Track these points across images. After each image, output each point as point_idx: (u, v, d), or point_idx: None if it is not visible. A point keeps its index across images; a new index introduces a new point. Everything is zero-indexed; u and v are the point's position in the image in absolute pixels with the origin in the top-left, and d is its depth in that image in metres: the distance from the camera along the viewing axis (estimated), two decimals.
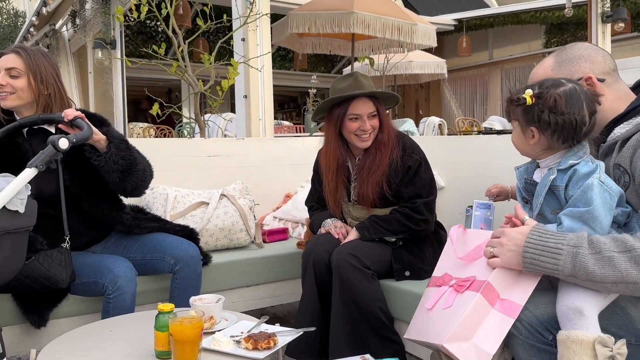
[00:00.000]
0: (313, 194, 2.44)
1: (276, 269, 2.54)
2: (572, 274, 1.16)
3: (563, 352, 1.14)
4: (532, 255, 1.21)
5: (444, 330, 1.23)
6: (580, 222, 1.23)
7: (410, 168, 2.11)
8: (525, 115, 1.32)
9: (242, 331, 1.63)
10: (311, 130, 5.76)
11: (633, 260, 1.12)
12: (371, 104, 2.11)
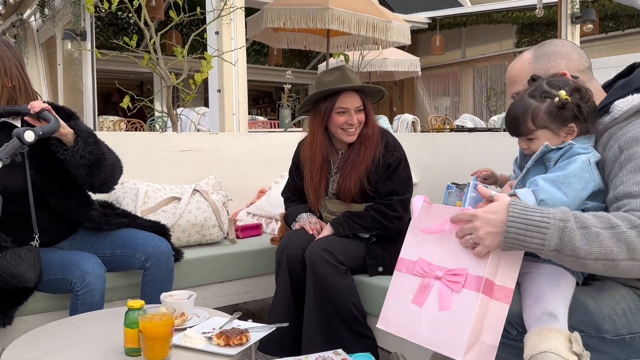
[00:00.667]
0: (290, 185, 2.43)
1: (249, 265, 2.52)
2: (556, 249, 1.13)
3: (536, 342, 1.14)
4: (516, 231, 1.15)
5: (458, 343, 1.16)
6: (555, 186, 1.24)
7: (391, 165, 2.12)
8: (560, 117, 1.32)
9: (214, 327, 1.61)
10: (286, 125, 5.74)
11: (616, 237, 1.12)
12: (358, 98, 2.12)
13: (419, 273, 1.31)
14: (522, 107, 1.35)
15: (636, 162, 1.22)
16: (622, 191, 1.21)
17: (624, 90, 1.37)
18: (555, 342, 1.12)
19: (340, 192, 2.17)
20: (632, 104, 1.32)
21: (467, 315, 1.17)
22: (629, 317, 1.23)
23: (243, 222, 3.00)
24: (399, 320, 1.32)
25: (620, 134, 1.30)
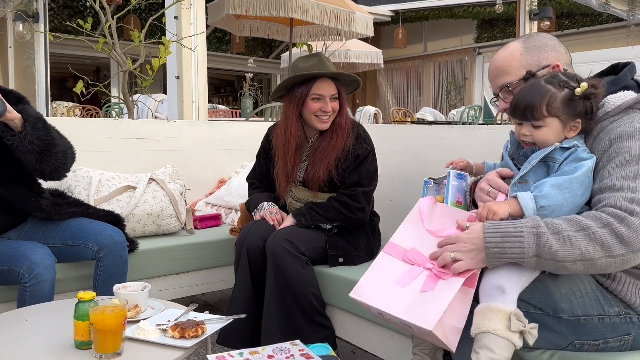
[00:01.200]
0: (256, 170, 2.40)
1: (207, 256, 2.48)
2: (536, 254, 1.19)
3: (479, 321, 1.19)
4: (495, 244, 1.22)
5: (432, 315, 1.20)
6: (559, 190, 1.25)
7: (359, 156, 2.13)
8: (573, 108, 1.31)
9: (169, 319, 1.58)
10: (248, 115, 5.67)
11: (589, 238, 1.17)
12: (334, 85, 2.13)
13: (409, 260, 1.34)
14: (538, 92, 1.32)
15: (624, 156, 1.24)
16: (607, 184, 1.23)
17: (614, 86, 1.40)
18: (495, 323, 1.16)
19: (308, 179, 2.16)
20: (625, 100, 1.34)
21: (447, 295, 1.22)
22: (585, 299, 1.27)
23: (201, 212, 2.95)
24: (374, 292, 1.33)
25: (610, 127, 1.32)
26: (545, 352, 1.29)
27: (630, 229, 1.15)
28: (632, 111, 1.33)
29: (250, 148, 3.20)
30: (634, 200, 1.17)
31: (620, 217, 1.16)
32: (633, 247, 1.15)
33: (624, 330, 1.27)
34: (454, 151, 2.26)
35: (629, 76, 1.42)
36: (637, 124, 1.27)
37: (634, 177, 1.21)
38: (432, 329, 1.17)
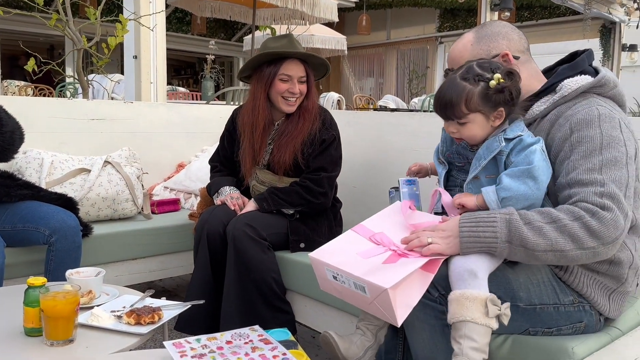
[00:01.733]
0: (220, 152, 2.36)
1: (165, 241, 2.44)
2: (508, 240, 1.21)
3: (456, 309, 1.20)
4: (469, 229, 1.24)
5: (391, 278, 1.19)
6: (519, 180, 1.27)
7: (325, 141, 2.12)
8: (490, 100, 1.32)
9: (125, 306, 1.55)
10: (208, 98, 5.57)
11: (559, 230, 1.19)
12: (303, 68, 2.11)
13: (375, 241, 1.35)
14: (455, 91, 1.33)
15: (587, 146, 1.26)
16: (574, 178, 1.25)
17: (571, 71, 1.42)
18: (473, 311, 1.18)
19: (274, 163, 2.13)
20: (581, 84, 1.36)
21: (409, 267, 1.23)
22: (542, 289, 1.30)
23: (159, 196, 2.88)
24: (335, 255, 1.33)
25: (569, 113, 1.33)
26: (499, 337, 1.32)
27: (601, 223, 1.17)
28: (590, 95, 1.35)
29: (211, 132, 3.15)
30: (604, 194, 1.19)
31: (592, 211, 1.18)
32: (604, 240, 1.17)
33: (576, 318, 1.31)
34: (416, 138, 2.28)
35: (586, 62, 1.45)
36: (596, 110, 1.29)
37: (599, 168, 1.23)
38: (389, 287, 1.16)
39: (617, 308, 1.35)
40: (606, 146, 1.25)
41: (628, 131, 1.30)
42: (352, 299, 1.31)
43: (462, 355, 1.18)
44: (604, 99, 1.35)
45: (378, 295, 1.20)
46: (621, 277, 1.33)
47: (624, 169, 1.23)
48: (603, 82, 1.36)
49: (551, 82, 1.42)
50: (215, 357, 1.20)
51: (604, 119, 1.27)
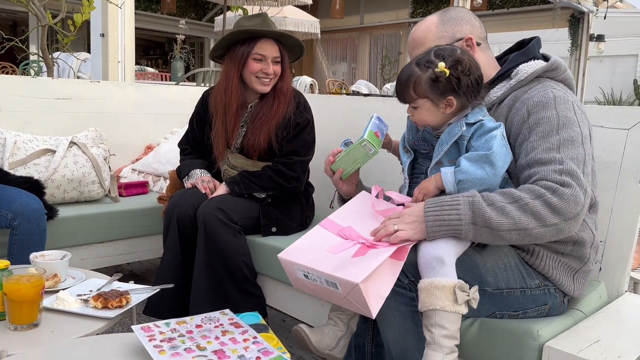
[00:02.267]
0: (189, 136, 2.31)
1: (133, 225, 2.39)
2: (472, 221, 1.23)
3: (426, 298, 1.21)
4: (434, 213, 1.26)
5: (361, 272, 1.20)
6: (477, 164, 1.29)
7: (299, 125, 2.09)
8: (438, 88, 1.33)
9: (91, 290, 1.52)
10: (178, 79, 5.46)
11: (522, 209, 1.22)
12: (277, 48, 2.08)
13: (344, 236, 1.36)
14: (406, 74, 1.37)
15: (544, 127, 1.29)
16: (534, 158, 1.28)
17: (524, 57, 1.46)
18: (442, 300, 1.19)
19: (248, 146, 2.10)
20: (536, 68, 1.41)
21: (378, 258, 1.23)
22: (509, 273, 1.33)
23: (127, 179, 2.83)
24: (304, 254, 1.33)
25: (525, 97, 1.37)
26: (466, 320, 1.35)
27: (562, 199, 1.20)
28: (544, 80, 1.40)
29: (180, 113, 3.09)
30: (563, 171, 1.23)
31: (552, 188, 1.21)
32: (565, 216, 1.20)
33: (542, 300, 1.35)
34: (388, 123, 2.28)
35: (536, 48, 1.49)
36: (551, 93, 1.33)
37: (557, 147, 1.26)
38: (360, 282, 1.17)
39: (580, 287, 1.40)
40: (562, 126, 1.28)
41: (581, 113, 1.34)
42: (326, 296, 1.32)
43: (434, 343, 1.20)
44: (556, 83, 1.40)
45: (350, 291, 1.21)
46: (584, 256, 1.37)
47: (581, 147, 1.27)
48: (555, 66, 1.41)
49: (505, 68, 1.46)
50: (184, 340, 1.19)
51: (559, 101, 1.32)
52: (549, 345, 1.24)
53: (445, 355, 1.19)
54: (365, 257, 1.26)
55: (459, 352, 1.35)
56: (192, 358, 1.11)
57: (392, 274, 1.26)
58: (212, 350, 1.15)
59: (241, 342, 1.19)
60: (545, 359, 1.24)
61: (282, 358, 1.12)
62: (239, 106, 2.10)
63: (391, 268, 1.26)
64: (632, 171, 1.56)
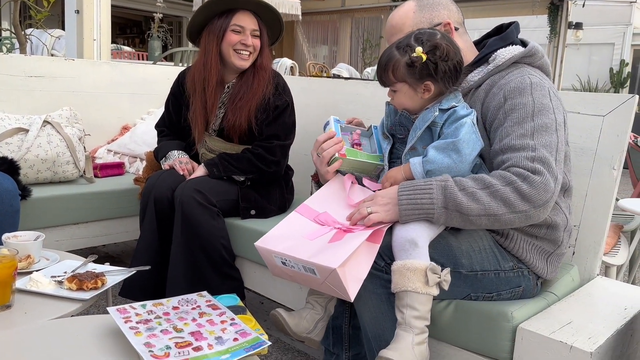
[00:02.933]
0: (165, 118, 2.27)
1: (109, 206, 2.35)
2: (444, 206, 1.25)
3: (398, 280, 1.23)
4: (407, 196, 1.27)
5: (338, 257, 1.21)
6: (443, 152, 1.31)
7: (278, 107, 2.06)
8: (416, 72, 1.33)
9: (66, 271, 1.50)
10: (155, 58, 5.36)
11: (492, 195, 1.23)
12: (256, 20, 2.04)
13: (320, 222, 1.36)
14: (386, 57, 1.36)
15: (520, 113, 1.30)
16: (507, 144, 1.29)
17: (502, 42, 1.46)
18: (414, 282, 1.21)
19: (228, 127, 2.06)
20: (514, 53, 1.41)
21: (354, 242, 1.24)
22: (483, 255, 1.35)
23: (103, 160, 2.78)
24: (281, 241, 1.33)
25: (503, 82, 1.37)
26: (441, 302, 1.37)
27: (532, 187, 1.22)
28: (521, 65, 1.41)
29: (157, 93, 3.04)
30: (535, 158, 1.24)
31: (523, 175, 1.23)
32: (535, 203, 1.22)
33: (515, 283, 1.37)
34: (369, 108, 2.28)
35: (515, 33, 1.50)
36: (528, 79, 1.34)
37: (531, 134, 1.27)
38: (337, 267, 1.18)
39: (553, 270, 1.43)
40: (537, 113, 1.29)
41: (557, 99, 1.36)
42: (305, 282, 1.32)
43: (405, 324, 1.23)
44: (533, 69, 1.41)
45: (328, 276, 1.22)
46: (557, 240, 1.40)
47: (554, 135, 1.29)
48: (533, 52, 1.42)
49: (484, 53, 1.47)
50: (161, 322, 1.18)
51: (535, 87, 1.33)
52: (522, 327, 1.26)
53: (415, 336, 1.21)
54: (342, 242, 1.26)
55: (435, 334, 1.38)
56: (168, 339, 1.10)
57: (369, 257, 1.27)
58: (189, 332, 1.14)
59: (218, 324, 1.19)
60: (519, 340, 1.26)
61: (259, 339, 1.12)
62: (218, 82, 2.06)
63: (368, 251, 1.27)
64: (607, 157, 1.59)
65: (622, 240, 2.44)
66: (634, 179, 4.22)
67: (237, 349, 1.08)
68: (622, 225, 2.53)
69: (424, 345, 1.23)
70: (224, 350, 1.08)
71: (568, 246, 1.47)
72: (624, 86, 12.22)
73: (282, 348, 2.03)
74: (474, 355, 1.34)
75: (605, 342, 1.23)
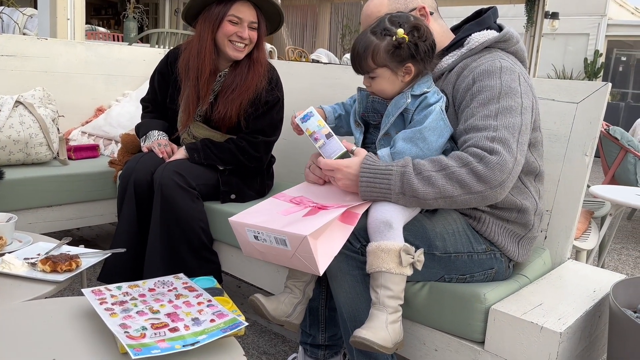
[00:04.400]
0: (150, 94, 2.21)
1: (83, 189, 2.32)
2: (401, 192, 1.26)
3: (372, 261, 1.25)
4: (367, 179, 1.28)
5: (309, 226, 1.22)
6: (410, 142, 1.32)
7: (268, 103, 2.03)
8: (398, 55, 1.33)
9: (39, 253, 1.47)
10: (131, 40, 5.26)
11: (448, 177, 1.25)
12: (255, 13, 1.96)
13: (295, 202, 1.37)
14: (363, 44, 1.35)
15: (486, 94, 1.31)
16: (471, 124, 1.30)
17: (479, 27, 1.47)
18: (387, 262, 1.23)
19: (217, 119, 2.01)
20: (488, 37, 1.42)
21: (328, 216, 1.26)
22: (457, 238, 1.37)
23: (77, 141, 2.73)
24: (255, 216, 1.33)
25: (474, 65, 1.38)
26: (416, 284, 1.39)
27: (488, 168, 1.23)
28: (495, 50, 1.42)
29: (133, 75, 2.99)
30: (495, 138, 1.25)
31: (480, 156, 1.24)
32: (491, 184, 1.24)
33: (488, 265, 1.40)
34: (348, 92, 2.26)
35: (492, 18, 1.51)
36: (498, 63, 1.35)
37: (495, 115, 1.29)
38: (308, 234, 1.19)
39: (525, 253, 1.46)
40: (504, 95, 1.31)
41: (526, 85, 1.37)
42: (275, 258, 1.32)
43: (379, 303, 1.25)
44: (506, 54, 1.42)
45: (299, 245, 1.22)
46: (528, 223, 1.43)
47: (518, 117, 1.30)
48: (507, 37, 1.43)
49: (459, 37, 1.48)
50: (137, 304, 1.17)
51: (505, 71, 1.34)
52: (494, 308, 1.29)
53: (389, 315, 1.24)
54: (316, 216, 1.27)
55: (409, 316, 1.40)
56: (144, 321, 1.10)
57: (342, 236, 1.28)
58: (166, 313, 1.14)
59: (195, 305, 1.19)
60: (491, 321, 1.29)
61: (237, 320, 1.12)
62: (211, 72, 2.00)
63: (341, 230, 1.28)
64: (579, 143, 1.62)
65: (593, 226, 2.50)
66: (605, 166, 4.32)
67: (214, 330, 1.08)
68: (592, 211, 2.60)
69: (398, 324, 1.26)
70: (200, 331, 1.08)
71: (540, 230, 1.51)
72: (598, 76, 12.46)
73: (258, 331, 2.04)
74: (448, 335, 1.37)
75: (575, 323, 1.26)
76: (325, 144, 1.36)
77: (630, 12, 14.51)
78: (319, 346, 1.62)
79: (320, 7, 12.34)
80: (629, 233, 4.03)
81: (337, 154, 1.35)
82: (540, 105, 1.71)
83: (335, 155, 1.35)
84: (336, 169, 1.32)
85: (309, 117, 1.38)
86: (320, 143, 1.36)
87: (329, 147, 1.36)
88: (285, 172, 2.42)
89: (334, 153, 1.35)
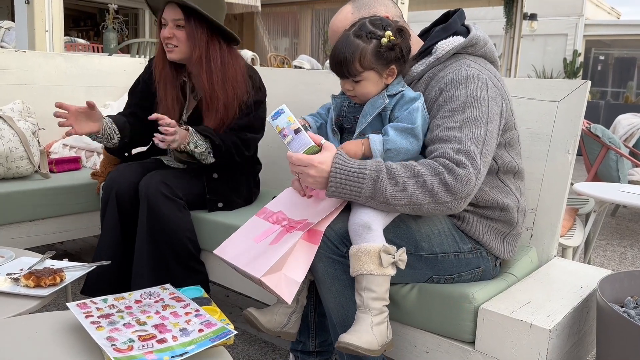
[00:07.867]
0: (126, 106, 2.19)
1: (66, 202, 2.29)
2: (371, 197, 1.25)
3: (354, 264, 1.26)
4: (338, 181, 1.25)
5: (263, 265, 1.26)
6: (402, 135, 1.32)
7: (256, 102, 2.03)
8: (384, 57, 1.33)
9: (22, 268, 1.45)
10: (111, 51, 5.21)
11: (419, 185, 1.25)
12: (179, 10, 1.92)
13: (272, 221, 1.39)
14: (349, 48, 1.34)
15: (452, 105, 1.31)
16: (437, 135, 1.31)
17: (444, 33, 1.46)
18: (368, 264, 1.23)
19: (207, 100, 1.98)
20: (453, 45, 1.42)
21: (282, 248, 1.28)
22: (443, 238, 1.37)
23: (58, 154, 2.69)
24: (232, 249, 1.38)
25: (441, 75, 1.39)
26: (405, 286, 1.39)
27: (456, 180, 1.24)
28: (462, 57, 1.41)
29: (114, 86, 2.97)
30: (460, 150, 1.26)
31: (449, 167, 1.25)
32: (457, 195, 1.25)
33: (475, 264, 1.41)
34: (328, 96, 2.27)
35: (458, 22, 1.50)
36: (464, 72, 1.35)
37: (459, 126, 1.29)
38: (261, 277, 1.23)
39: (510, 250, 1.47)
40: (469, 106, 1.31)
41: (495, 90, 1.36)
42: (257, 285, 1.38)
43: (364, 306, 1.24)
44: (474, 58, 1.42)
45: (259, 283, 1.27)
46: (512, 221, 1.44)
47: (483, 127, 1.30)
48: (474, 42, 1.42)
49: (427, 44, 1.47)
50: (123, 316, 1.15)
51: (471, 80, 1.34)
52: (484, 308, 1.30)
53: (374, 317, 1.24)
54: (277, 246, 1.30)
55: (399, 318, 1.40)
56: (131, 333, 1.08)
57: (307, 258, 1.30)
58: (153, 325, 1.12)
59: (183, 316, 1.17)
60: (481, 320, 1.30)
61: (225, 329, 1.11)
62: (173, 76, 2.02)
63: (307, 252, 1.30)
64: (562, 142, 1.64)
65: (578, 223, 2.53)
66: (588, 164, 4.38)
67: (202, 340, 1.07)
68: (577, 208, 2.62)
69: (384, 325, 1.25)
70: (189, 341, 1.06)
71: (525, 227, 1.51)
72: (577, 75, 12.65)
73: (248, 339, 2.02)
74: (439, 337, 1.37)
75: (563, 320, 1.27)
76: (293, 139, 1.32)
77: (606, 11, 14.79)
78: (309, 353, 1.61)
79: (301, 13, 12.37)
80: (613, 229, 4.09)
81: (304, 148, 1.30)
82: (521, 105, 1.73)
83: (303, 149, 1.30)
84: (309, 164, 1.26)
85: (279, 114, 1.35)
86: (288, 139, 1.32)
87: (296, 142, 1.31)
88: (271, 179, 2.41)
89: (301, 147, 1.30)
